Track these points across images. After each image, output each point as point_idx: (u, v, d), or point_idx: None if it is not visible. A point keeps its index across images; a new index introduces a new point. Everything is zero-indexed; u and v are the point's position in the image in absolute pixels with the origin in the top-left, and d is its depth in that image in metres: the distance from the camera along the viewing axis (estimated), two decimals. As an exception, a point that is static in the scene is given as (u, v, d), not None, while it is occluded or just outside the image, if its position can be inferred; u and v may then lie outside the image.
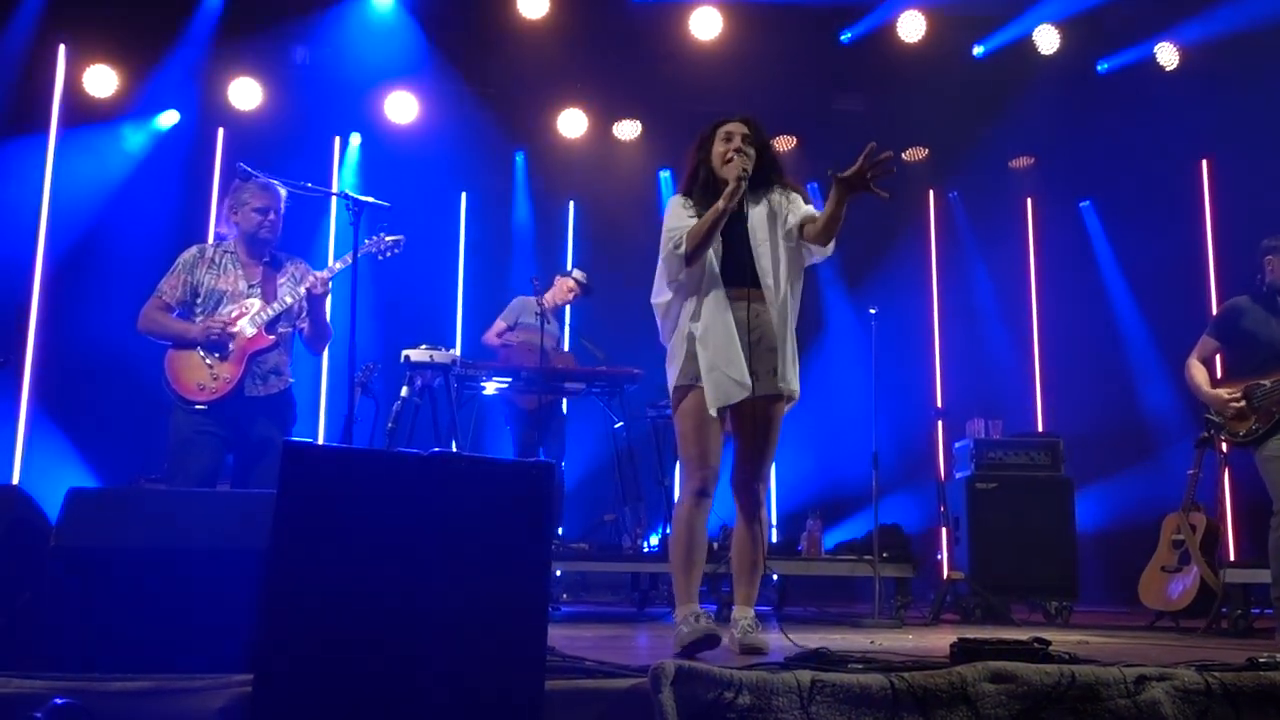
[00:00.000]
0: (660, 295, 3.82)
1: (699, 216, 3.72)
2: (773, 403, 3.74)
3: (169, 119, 8.27)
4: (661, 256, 3.76)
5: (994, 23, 8.49)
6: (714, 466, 3.70)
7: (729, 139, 3.82)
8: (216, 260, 4.45)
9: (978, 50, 8.70)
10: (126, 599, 2.50)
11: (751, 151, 3.78)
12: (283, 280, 4.49)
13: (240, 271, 4.45)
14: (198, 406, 4.26)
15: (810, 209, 3.84)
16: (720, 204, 3.66)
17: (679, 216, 3.76)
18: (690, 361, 3.69)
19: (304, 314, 4.51)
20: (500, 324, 7.30)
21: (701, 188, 3.83)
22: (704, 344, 3.66)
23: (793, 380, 3.78)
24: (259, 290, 4.43)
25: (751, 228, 3.77)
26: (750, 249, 3.75)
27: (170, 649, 2.41)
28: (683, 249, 3.67)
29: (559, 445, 7.31)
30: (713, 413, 3.62)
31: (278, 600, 2.03)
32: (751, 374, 3.64)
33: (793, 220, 3.81)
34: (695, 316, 3.71)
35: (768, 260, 3.75)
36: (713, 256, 3.74)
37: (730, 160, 3.77)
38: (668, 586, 7.35)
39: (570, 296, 7.43)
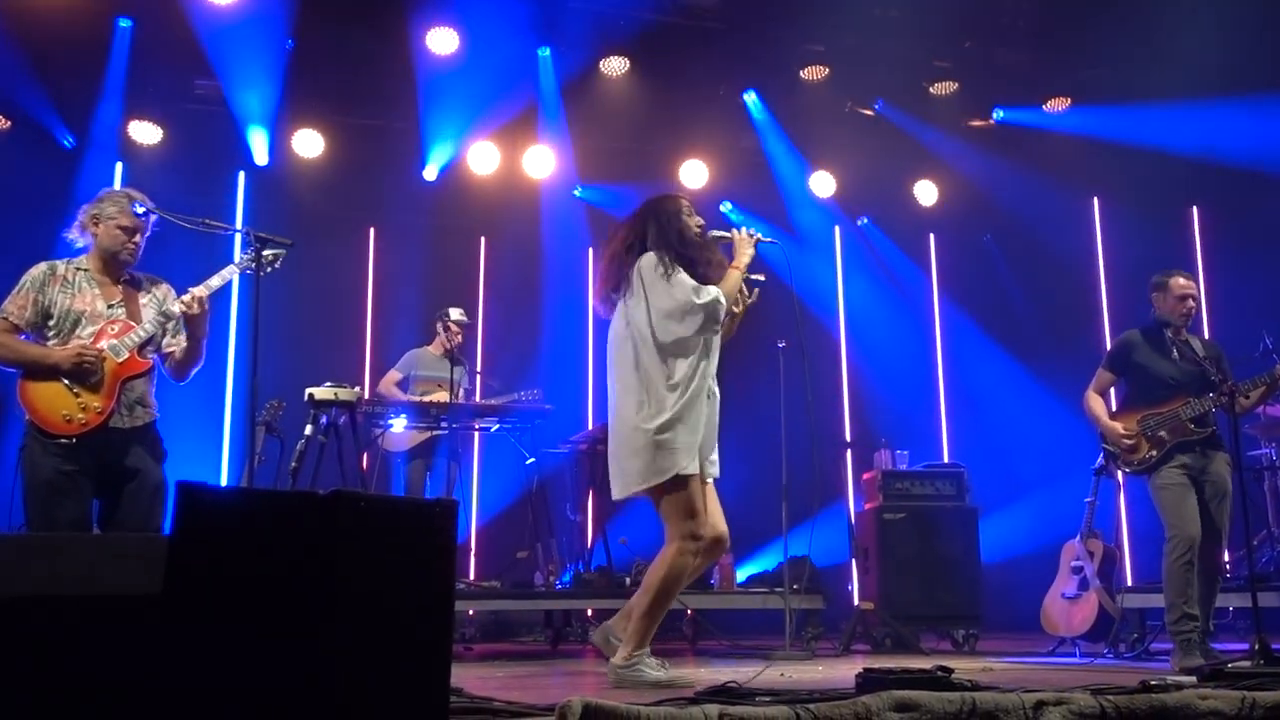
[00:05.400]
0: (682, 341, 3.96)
1: None
2: None
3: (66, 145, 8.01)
4: (703, 310, 3.89)
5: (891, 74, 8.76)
6: None
7: (692, 214, 4.19)
8: (70, 278, 3.95)
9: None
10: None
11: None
12: (145, 301, 4.06)
13: (97, 291, 3.97)
14: (63, 441, 3.73)
15: None
16: (739, 270, 4.11)
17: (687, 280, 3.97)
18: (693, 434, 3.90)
19: (172, 337, 4.09)
20: (395, 375, 7.29)
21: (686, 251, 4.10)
22: (700, 420, 3.94)
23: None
24: (122, 311, 3.98)
25: None
26: None
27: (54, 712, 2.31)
28: (722, 308, 3.95)
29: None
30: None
31: (171, 648, 1.98)
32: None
33: None
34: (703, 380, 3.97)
35: None
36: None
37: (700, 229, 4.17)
38: (581, 623, 7.31)
39: (458, 338, 7.30)
